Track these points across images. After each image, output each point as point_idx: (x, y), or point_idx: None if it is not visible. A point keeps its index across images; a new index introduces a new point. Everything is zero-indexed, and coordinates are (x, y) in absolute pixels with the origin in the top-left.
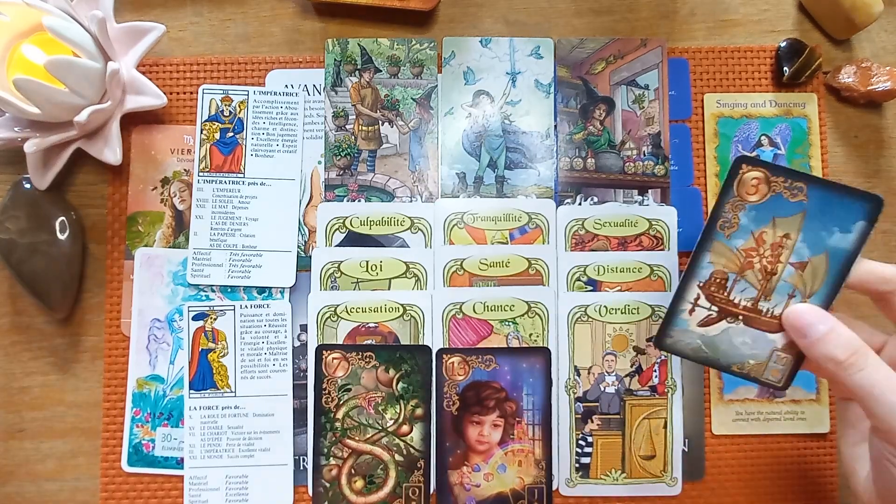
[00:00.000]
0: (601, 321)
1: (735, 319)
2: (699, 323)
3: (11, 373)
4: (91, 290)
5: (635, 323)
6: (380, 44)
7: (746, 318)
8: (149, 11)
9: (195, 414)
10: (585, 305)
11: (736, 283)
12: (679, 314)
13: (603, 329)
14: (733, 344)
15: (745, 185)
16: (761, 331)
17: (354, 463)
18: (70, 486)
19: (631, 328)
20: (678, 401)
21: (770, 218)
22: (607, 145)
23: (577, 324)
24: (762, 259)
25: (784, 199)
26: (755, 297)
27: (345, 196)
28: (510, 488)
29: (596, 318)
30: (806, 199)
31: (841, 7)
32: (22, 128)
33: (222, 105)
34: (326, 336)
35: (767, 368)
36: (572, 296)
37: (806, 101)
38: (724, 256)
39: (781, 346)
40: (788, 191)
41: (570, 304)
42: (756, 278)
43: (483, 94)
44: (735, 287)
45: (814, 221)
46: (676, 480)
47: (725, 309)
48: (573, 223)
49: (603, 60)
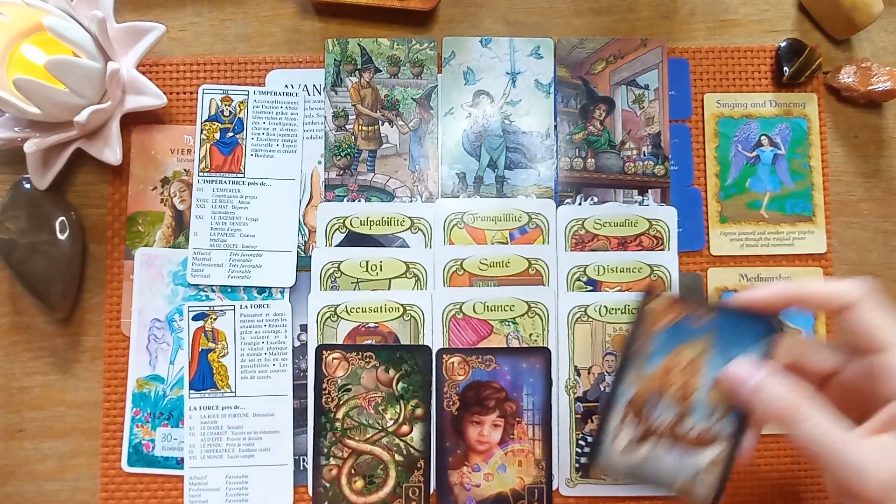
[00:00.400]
0: (601, 321)
1: (659, 440)
2: (627, 446)
3: (11, 373)
4: (91, 290)
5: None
6: (380, 44)
7: (670, 439)
8: (149, 11)
9: (195, 414)
10: (585, 305)
11: (656, 404)
12: (607, 439)
13: (603, 329)
14: (658, 464)
15: (655, 312)
16: (685, 450)
17: (354, 463)
18: (70, 486)
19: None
20: None
21: (681, 341)
22: (607, 145)
23: (577, 324)
24: (678, 381)
25: (692, 323)
26: (675, 418)
27: (345, 196)
28: (510, 488)
29: (596, 318)
30: (712, 322)
31: (841, 7)
32: (22, 128)
33: (222, 105)
34: (326, 336)
35: (694, 486)
36: (572, 296)
37: (806, 101)
38: (643, 381)
39: (706, 464)
40: (695, 315)
41: (570, 304)
42: (675, 399)
43: (483, 94)
44: (656, 409)
45: (722, 341)
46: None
47: (648, 430)
48: (573, 223)
49: (603, 60)
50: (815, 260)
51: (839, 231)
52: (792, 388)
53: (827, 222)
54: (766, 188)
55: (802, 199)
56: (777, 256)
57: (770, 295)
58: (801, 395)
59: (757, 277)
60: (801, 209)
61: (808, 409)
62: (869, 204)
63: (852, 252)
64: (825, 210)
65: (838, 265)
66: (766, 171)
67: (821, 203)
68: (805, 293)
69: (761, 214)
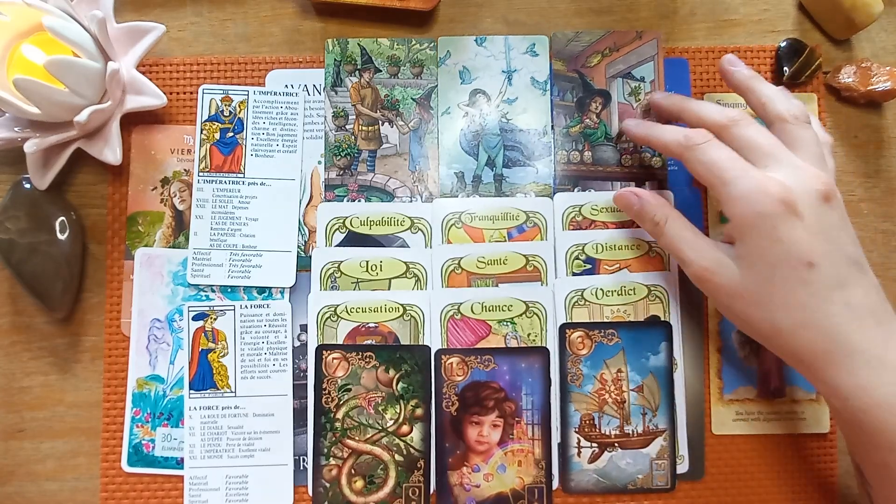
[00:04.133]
0: (598, 304)
1: (613, 448)
2: (588, 461)
3: (11, 373)
4: (91, 290)
5: (632, 304)
6: (380, 44)
7: (621, 444)
8: (149, 11)
9: (195, 414)
10: (582, 289)
11: (601, 419)
12: (570, 460)
13: (601, 312)
14: (620, 468)
15: (574, 343)
16: (635, 449)
17: (354, 463)
18: (70, 486)
19: (628, 309)
20: (678, 400)
21: (602, 362)
22: (604, 138)
23: (574, 308)
24: (610, 395)
25: (605, 345)
26: (620, 425)
27: (345, 196)
28: (510, 488)
29: (593, 301)
30: (620, 340)
31: (841, 7)
32: (22, 128)
33: (222, 105)
34: (326, 336)
35: (653, 478)
36: (570, 280)
37: (806, 101)
38: (584, 402)
39: (655, 454)
40: (605, 337)
41: (567, 288)
42: (613, 410)
43: (479, 92)
44: (602, 422)
45: (632, 354)
46: (683, 458)
47: (602, 442)
48: (570, 209)
49: (598, 53)
50: None
51: None
52: (662, 201)
53: None
54: None
55: None
56: None
57: (666, 103)
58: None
59: None
60: None
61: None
62: (869, 204)
63: None
64: None
65: None
66: None
67: None
68: (688, 110)
69: None
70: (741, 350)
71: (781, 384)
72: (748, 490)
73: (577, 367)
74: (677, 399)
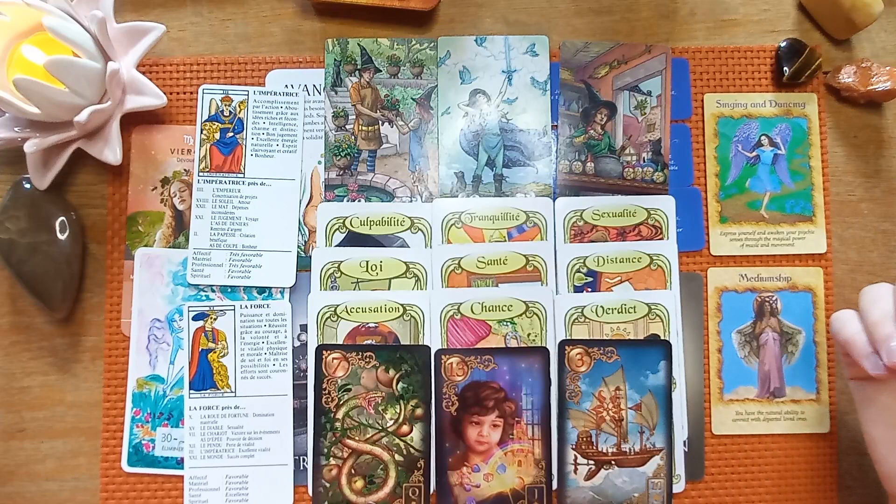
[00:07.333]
0: (598, 321)
1: (610, 466)
2: (584, 478)
3: (11, 373)
4: (91, 290)
5: (632, 322)
6: (380, 44)
7: (618, 461)
8: (149, 11)
9: (195, 414)
10: (582, 306)
11: (598, 436)
12: (567, 476)
13: (600, 329)
14: (616, 486)
15: (573, 360)
16: (632, 467)
17: (354, 463)
18: (70, 486)
19: (628, 327)
20: (678, 400)
21: (601, 379)
22: (607, 150)
23: (574, 325)
24: (608, 412)
25: (604, 362)
26: (617, 443)
27: (345, 196)
28: (510, 488)
29: (593, 318)
30: (619, 358)
31: (841, 7)
32: (22, 128)
33: (222, 105)
34: (326, 336)
35: (649, 496)
36: (570, 297)
37: (806, 101)
38: (582, 419)
39: (652, 472)
40: (604, 355)
41: (567, 305)
42: (611, 428)
43: (479, 92)
44: (599, 440)
45: (631, 372)
46: (679, 477)
47: (599, 460)
48: (571, 214)
49: (606, 65)
50: (815, 260)
51: (839, 231)
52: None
53: (827, 222)
54: (766, 188)
55: (802, 199)
56: (777, 256)
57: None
58: None
59: (757, 277)
60: (801, 209)
61: None
62: (869, 204)
63: (852, 252)
64: (825, 210)
65: (838, 265)
66: (766, 171)
67: (821, 203)
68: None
69: (761, 214)
70: (741, 350)
71: (781, 384)
72: (748, 490)
73: (576, 384)
74: (675, 418)
